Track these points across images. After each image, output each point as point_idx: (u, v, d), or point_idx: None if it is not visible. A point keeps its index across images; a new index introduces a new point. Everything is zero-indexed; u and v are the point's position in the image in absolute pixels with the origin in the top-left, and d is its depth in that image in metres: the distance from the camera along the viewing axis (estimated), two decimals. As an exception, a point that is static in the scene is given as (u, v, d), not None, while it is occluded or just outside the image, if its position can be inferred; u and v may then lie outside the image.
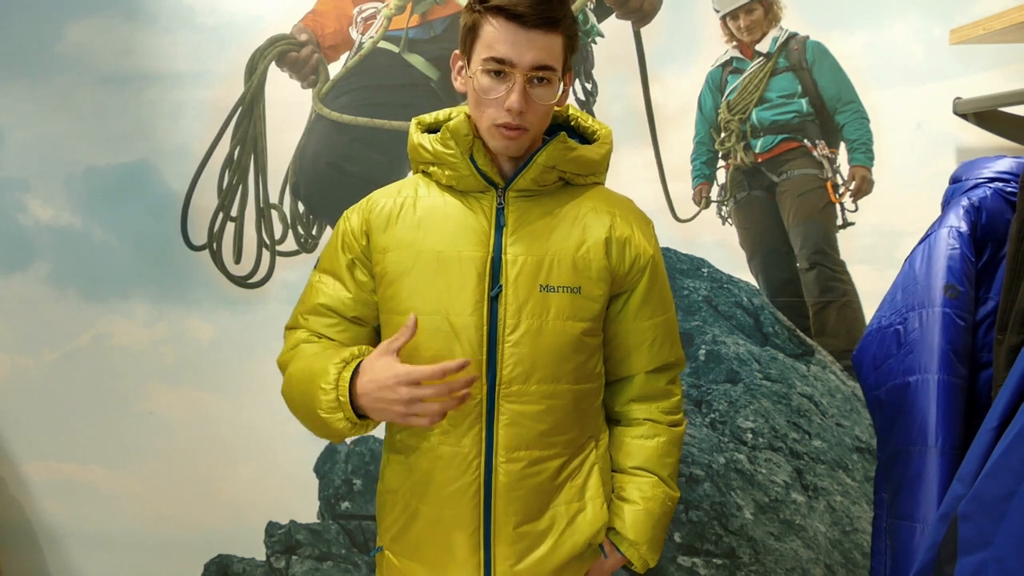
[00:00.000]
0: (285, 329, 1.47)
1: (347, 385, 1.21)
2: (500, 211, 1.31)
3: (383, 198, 1.37)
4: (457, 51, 1.30)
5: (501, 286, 1.28)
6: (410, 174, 2.19)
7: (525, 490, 1.30)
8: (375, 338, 1.40)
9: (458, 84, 1.31)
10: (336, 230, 1.40)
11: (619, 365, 1.41)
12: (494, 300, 1.28)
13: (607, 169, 1.42)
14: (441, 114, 1.38)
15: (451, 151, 1.29)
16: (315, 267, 1.43)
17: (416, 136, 1.36)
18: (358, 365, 1.23)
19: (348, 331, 1.38)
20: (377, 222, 1.34)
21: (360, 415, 1.23)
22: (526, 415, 1.29)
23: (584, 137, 1.40)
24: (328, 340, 1.37)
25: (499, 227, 1.30)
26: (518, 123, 1.23)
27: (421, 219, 1.32)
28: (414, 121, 1.38)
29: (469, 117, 1.29)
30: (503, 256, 1.29)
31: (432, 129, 1.38)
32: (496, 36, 1.21)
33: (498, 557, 1.31)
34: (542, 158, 1.29)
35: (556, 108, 1.38)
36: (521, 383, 1.28)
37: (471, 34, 1.25)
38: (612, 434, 1.43)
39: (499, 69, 1.22)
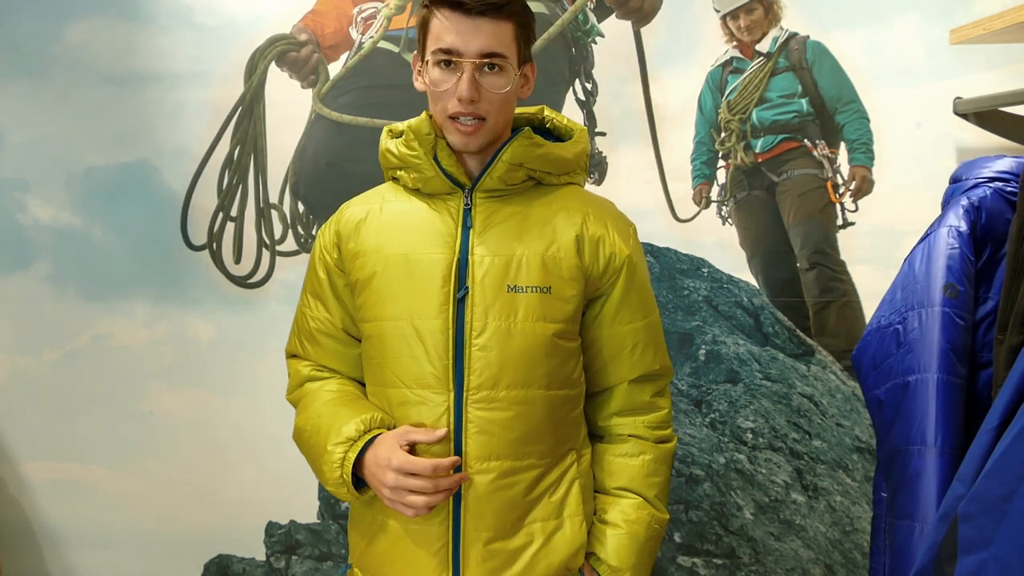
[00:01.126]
0: (287, 356, 1.45)
1: (351, 467, 1.22)
2: (467, 212, 1.27)
3: (351, 207, 1.35)
4: (415, 53, 1.28)
5: (468, 288, 1.24)
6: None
7: (497, 503, 1.23)
8: None
9: (418, 84, 1.28)
10: (313, 249, 1.39)
11: (599, 375, 1.34)
12: (461, 302, 1.24)
13: (585, 169, 1.38)
14: (413, 121, 1.34)
15: (414, 152, 1.26)
16: (303, 287, 1.42)
17: (384, 142, 1.33)
18: (370, 440, 1.24)
19: (345, 355, 1.37)
20: (346, 231, 1.32)
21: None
22: (496, 422, 1.23)
23: (560, 137, 1.36)
24: (332, 375, 1.38)
25: (466, 228, 1.26)
26: (471, 111, 1.21)
27: (387, 223, 1.30)
28: (385, 129, 1.35)
29: (431, 117, 1.27)
30: (470, 257, 1.25)
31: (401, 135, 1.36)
32: (442, 27, 1.20)
33: None
34: (507, 155, 1.25)
35: (529, 109, 1.36)
36: (489, 388, 1.23)
37: (422, 31, 1.24)
38: (595, 452, 1.36)
39: (448, 60, 1.20)
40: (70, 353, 2.24)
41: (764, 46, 2.10)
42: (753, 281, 2.14)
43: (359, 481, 1.25)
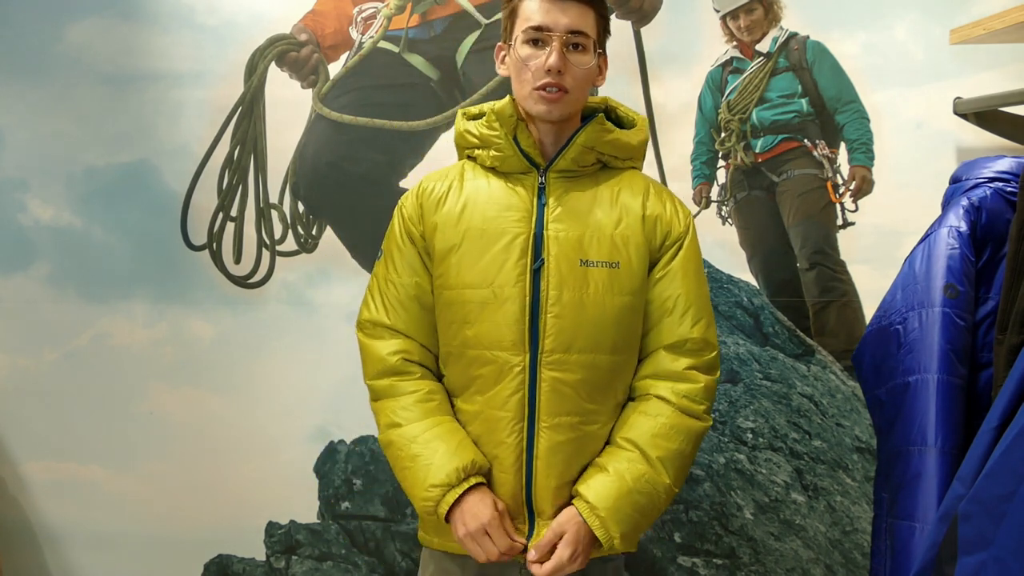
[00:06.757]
0: (362, 325, 1.48)
1: (447, 509, 1.34)
2: (542, 190, 1.39)
3: (432, 182, 1.46)
4: (499, 43, 1.42)
5: (543, 260, 1.35)
6: (414, 173, 2.20)
7: (564, 454, 1.36)
8: None
9: (501, 70, 1.43)
10: (394, 219, 1.48)
11: (644, 340, 1.44)
12: (536, 273, 1.36)
13: (644, 156, 1.49)
14: (485, 106, 1.46)
15: (496, 132, 1.39)
16: (380, 259, 1.48)
17: (462, 123, 1.47)
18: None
19: (425, 321, 1.45)
20: (428, 204, 1.43)
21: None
22: (566, 383, 1.35)
23: (622, 125, 1.48)
24: (417, 369, 1.44)
25: (541, 205, 1.39)
26: (557, 82, 1.33)
27: (467, 199, 1.41)
28: (460, 112, 1.49)
29: (514, 101, 1.39)
30: (545, 232, 1.37)
31: (476, 119, 1.47)
32: (534, 7, 1.34)
33: (540, 516, 1.38)
34: (581, 138, 1.38)
35: (593, 99, 1.47)
36: (562, 352, 1.35)
37: (511, 18, 1.38)
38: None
39: (537, 37, 1.33)
40: (70, 353, 2.24)
41: (764, 46, 2.10)
42: (753, 281, 2.14)
43: None
